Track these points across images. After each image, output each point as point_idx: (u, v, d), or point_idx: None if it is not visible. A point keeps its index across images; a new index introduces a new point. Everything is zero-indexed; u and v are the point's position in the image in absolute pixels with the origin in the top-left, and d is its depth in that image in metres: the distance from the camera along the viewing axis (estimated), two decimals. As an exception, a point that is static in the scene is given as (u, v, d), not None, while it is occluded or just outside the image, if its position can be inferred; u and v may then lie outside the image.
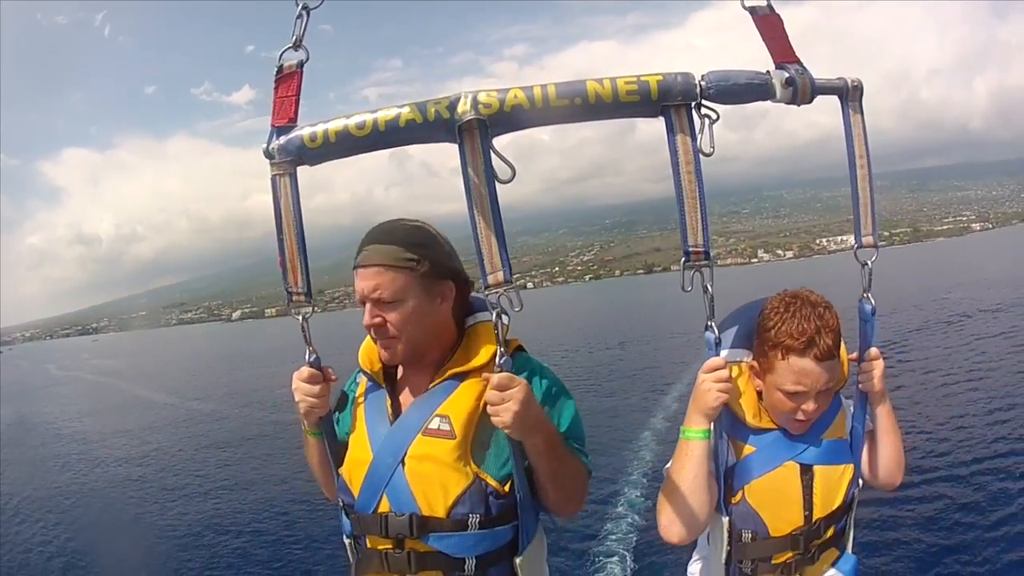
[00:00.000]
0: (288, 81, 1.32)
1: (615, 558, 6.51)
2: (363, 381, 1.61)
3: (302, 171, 1.36)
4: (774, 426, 1.62)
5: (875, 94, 1.20)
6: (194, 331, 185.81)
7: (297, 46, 1.31)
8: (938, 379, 12.49)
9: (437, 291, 1.48)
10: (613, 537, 6.98)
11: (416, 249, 1.44)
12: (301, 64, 1.33)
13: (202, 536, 9.17)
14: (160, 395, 27.60)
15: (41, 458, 16.72)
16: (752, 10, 1.32)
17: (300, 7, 1.29)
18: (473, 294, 1.58)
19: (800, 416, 1.54)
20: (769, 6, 1.31)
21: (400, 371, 1.58)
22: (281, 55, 1.32)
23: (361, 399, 1.58)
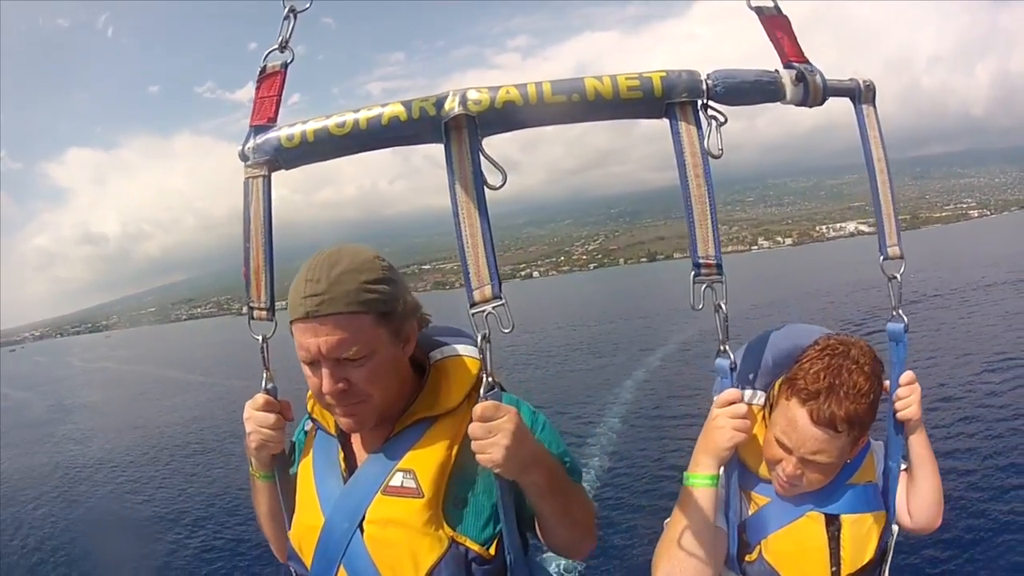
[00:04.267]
0: (271, 81, 1.27)
1: (596, 459, 8.98)
2: (312, 429, 1.36)
3: (307, 166, 1.28)
4: None
5: (876, 80, 1.30)
6: (206, 325, 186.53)
7: (283, 48, 1.26)
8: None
9: (405, 334, 1.24)
10: (594, 447, 9.57)
11: (381, 285, 1.18)
12: (285, 65, 1.28)
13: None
14: (191, 375, 28.53)
15: (90, 432, 17.80)
16: (759, 10, 1.27)
17: (287, 9, 1.24)
18: (433, 326, 1.39)
19: (778, 472, 1.35)
20: (776, 7, 1.26)
21: None
22: (266, 56, 1.27)
23: (309, 450, 1.33)
